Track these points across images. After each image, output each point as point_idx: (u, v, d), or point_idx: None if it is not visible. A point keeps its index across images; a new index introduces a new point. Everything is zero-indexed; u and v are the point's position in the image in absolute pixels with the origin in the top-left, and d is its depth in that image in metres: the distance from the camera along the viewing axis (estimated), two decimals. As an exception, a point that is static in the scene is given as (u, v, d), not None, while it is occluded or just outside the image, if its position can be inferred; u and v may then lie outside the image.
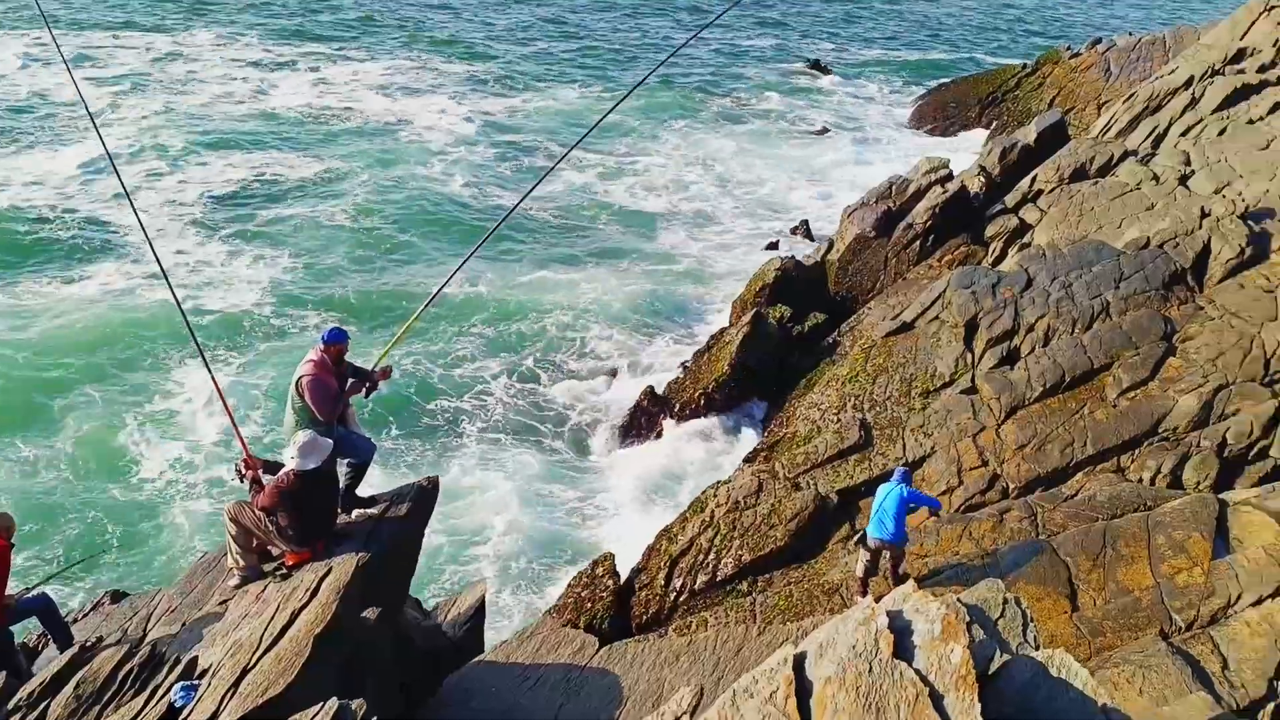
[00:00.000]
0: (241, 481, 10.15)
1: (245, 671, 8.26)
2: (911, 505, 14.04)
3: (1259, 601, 12.95)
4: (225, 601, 9.93)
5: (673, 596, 16.21)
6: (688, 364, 24.76)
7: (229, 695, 8.00)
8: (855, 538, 15.61)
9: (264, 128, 43.82)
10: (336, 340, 10.57)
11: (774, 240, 34.35)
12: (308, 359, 10.40)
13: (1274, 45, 32.96)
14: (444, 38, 63.16)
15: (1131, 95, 34.64)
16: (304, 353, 10.77)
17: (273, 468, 10.06)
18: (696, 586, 16.20)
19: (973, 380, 19.90)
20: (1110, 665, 12.32)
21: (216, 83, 50.11)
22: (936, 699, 4.95)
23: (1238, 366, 18.58)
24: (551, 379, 25.84)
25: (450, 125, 46.03)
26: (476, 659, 10.30)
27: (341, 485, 10.45)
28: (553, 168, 13.93)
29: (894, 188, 28.64)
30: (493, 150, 43.14)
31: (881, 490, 14.13)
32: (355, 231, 33.73)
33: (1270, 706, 11.82)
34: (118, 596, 13.55)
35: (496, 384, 25.40)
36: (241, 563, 10.05)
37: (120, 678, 8.61)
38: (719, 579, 16.20)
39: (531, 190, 14.05)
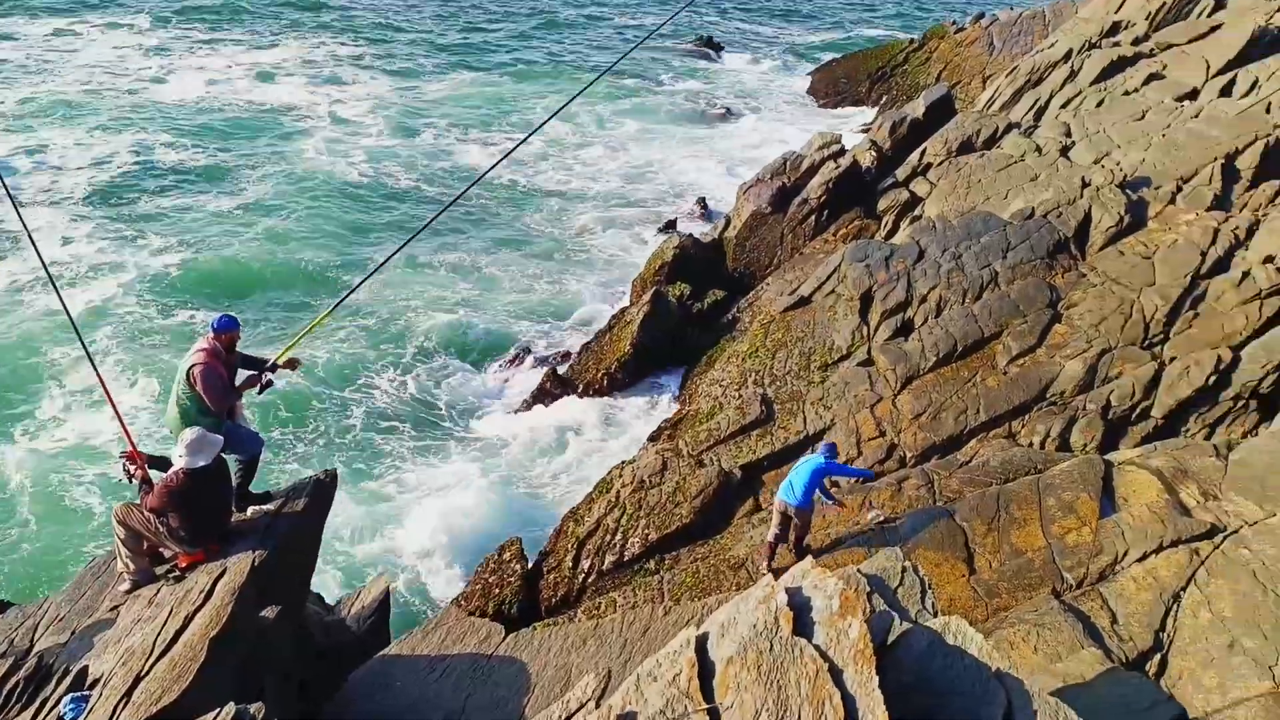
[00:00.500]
0: (130, 481, 9.77)
1: (138, 679, 8.00)
2: (831, 477, 14.27)
3: (1144, 557, 13.47)
4: (116, 608, 9.58)
5: (581, 578, 16.20)
6: (590, 344, 24.72)
7: (122, 705, 7.75)
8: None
9: (148, 115, 42.34)
10: (228, 328, 10.20)
11: (671, 219, 34.43)
12: (198, 348, 10.00)
13: (1146, 18, 34.17)
14: (332, 21, 61.78)
15: (1014, 69, 35.58)
16: (192, 343, 10.36)
17: (160, 463, 9.69)
18: (604, 567, 16.21)
19: (869, 352, 20.26)
20: (1006, 625, 12.70)
21: (98, 68, 48.26)
22: (836, 673, 5.03)
23: (1119, 331, 19.25)
24: (449, 366, 25.49)
25: (340, 110, 45.10)
26: (381, 653, 10.15)
27: (234, 482, 10.16)
28: (494, 165, 13.53)
29: (788, 164, 28.93)
30: (386, 135, 42.38)
31: (802, 459, 14.42)
32: (243, 221, 32.84)
33: (1157, 658, 12.34)
34: (2, 606, 12.98)
35: (390, 373, 24.94)
36: (132, 566, 9.70)
37: (6, 692, 8.28)
38: (626, 559, 16.24)
39: (466, 190, 13.72)
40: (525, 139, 13.17)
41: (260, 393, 10.56)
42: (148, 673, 8.00)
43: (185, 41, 54.52)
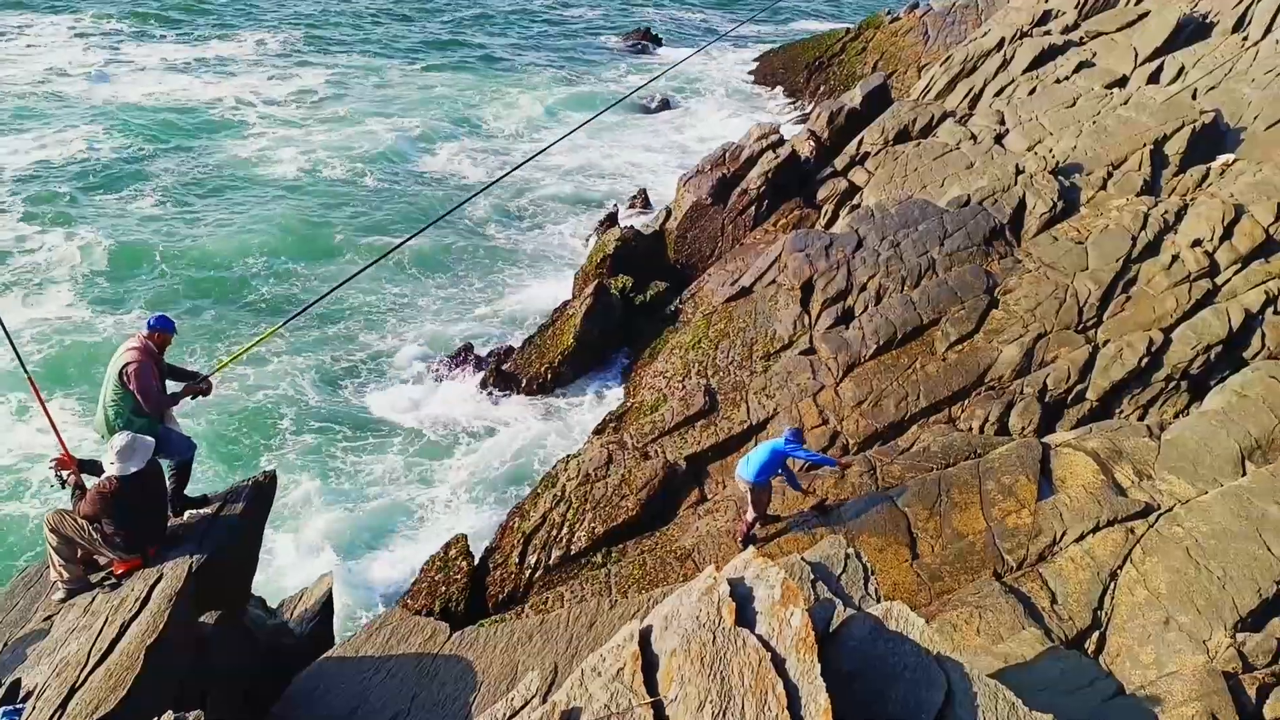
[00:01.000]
0: (63, 486, 9.53)
1: (74, 690, 7.83)
2: (790, 459, 14.44)
3: (1081, 537, 13.74)
4: (50, 617, 9.35)
5: (528, 574, 16.15)
6: (533, 339, 24.61)
7: (57, 717, 7.59)
8: None
9: (79, 112, 41.29)
10: (164, 328, 9.95)
11: (612, 211, 34.35)
12: (129, 346, 9.70)
13: (1075, 7, 34.73)
14: (263, 16, 60.77)
15: (948, 58, 35.97)
16: (120, 342, 10.08)
17: (93, 467, 9.45)
18: (551, 562, 16.17)
19: (810, 341, 20.40)
20: (949, 608, 12.88)
21: (25, 65, 47.05)
22: (779, 663, 5.05)
23: (1054, 315, 19.57)
24: (388, 365, 25.18)
25: (272, 108, 44.21)
26: (325, 655, 10.04)
27: (169, 487, 9.96)
28: (485, 187, 13.31)
29: (727, 154, 29.00)
30: (321, 131, 41.68)
31: (766, 441, 14.77)
32: (176, 220, 32.13)
33: (1095, 635, 12.59)
34: (-69, 620, 12.63)
35: (325, 372, 24.43)
36: (66, 575, 9.46)
37: (-65, 708, 8.04)
38: (573, 553, 16.21)
39: (447, 214, 13.48)
40: (547, 148, 12.95)
41: (193, 399, 10.38)
42: (83, 683, 7.84)
43: (116, 37, 53.29)
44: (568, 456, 18.16)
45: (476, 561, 16.56)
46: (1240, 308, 19.06)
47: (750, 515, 14.63)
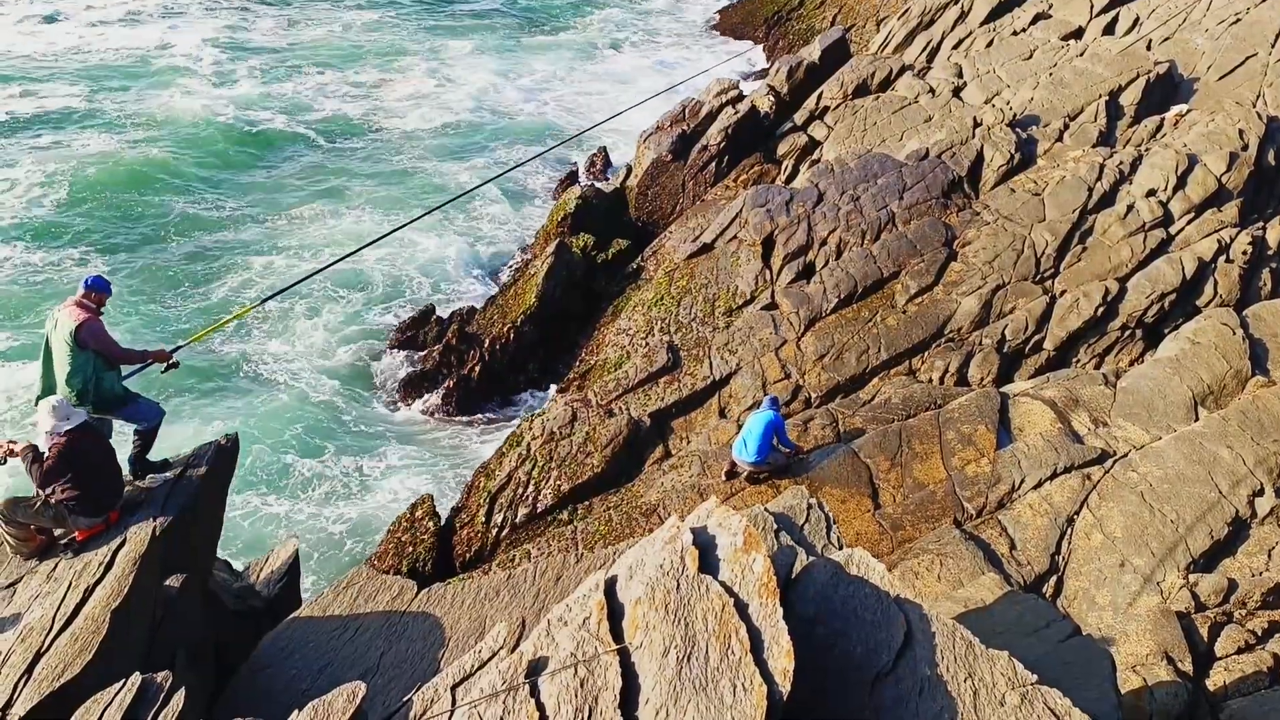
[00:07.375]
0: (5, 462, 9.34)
1: (39, 655, 7.81)
2: (778, 433, 14.54)
3: (1039, 484, 13.99)
4: (13, 585, 9.30)
5: (494, 532, 16.23)
6: (495, 298, 24.53)
7: (22, 682, 7.57)
8: None
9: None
10: (102, 288, 9.65)
11: (572, 169, 34.12)
12: (71, 309, 9.43)
13: (1032, -42, 34.68)
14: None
15: (906, 11, 35.91)
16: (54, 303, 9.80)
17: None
18: (517, 520, 16.26)
19: (772, 296, 20.48)
20: (911, 556, 13.10)
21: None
22: (742, 607, 5.13)
23: (1012, 267, 19.76)
24: (355, 325, 25.01)
25: (207, 53, 43.08)
26: (293, 615, 10.06)
27: (132, 452, 9.87)
28: (484, 184, 13.06)
29: (687, 110, 28.87)
30: (257, 79, 40.46)
31: (751, 416, 14.78)
32: (115, 171, 31.15)
33: (1053, 579, 12.86)
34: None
35: (286, 332, 24.30)
36: (26, 550, 9.37)
37: (-103, 676, 7.99)
38: (539, 510, 16.30)
39: (452, 201, 13.26)
40: (536, 156, 12.74)
41: (165, 370, 10.24)
42: (49, 648, 7.82)
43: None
44: (532, 415, 18.20)
45: (443, 521, 16.61)
46: (1193, 256, 19.34)
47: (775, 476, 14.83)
